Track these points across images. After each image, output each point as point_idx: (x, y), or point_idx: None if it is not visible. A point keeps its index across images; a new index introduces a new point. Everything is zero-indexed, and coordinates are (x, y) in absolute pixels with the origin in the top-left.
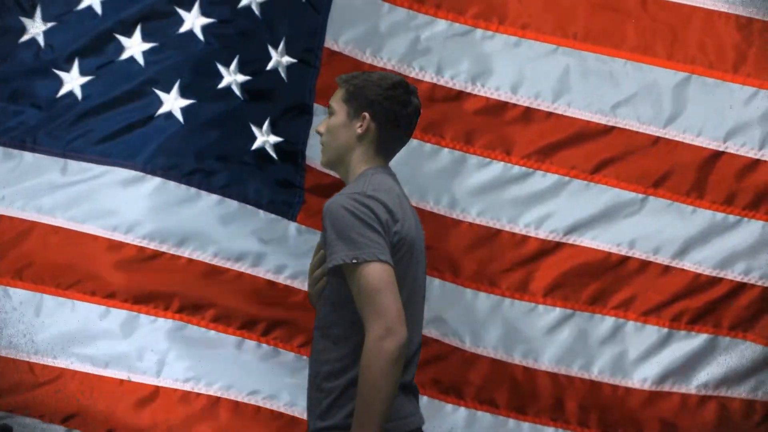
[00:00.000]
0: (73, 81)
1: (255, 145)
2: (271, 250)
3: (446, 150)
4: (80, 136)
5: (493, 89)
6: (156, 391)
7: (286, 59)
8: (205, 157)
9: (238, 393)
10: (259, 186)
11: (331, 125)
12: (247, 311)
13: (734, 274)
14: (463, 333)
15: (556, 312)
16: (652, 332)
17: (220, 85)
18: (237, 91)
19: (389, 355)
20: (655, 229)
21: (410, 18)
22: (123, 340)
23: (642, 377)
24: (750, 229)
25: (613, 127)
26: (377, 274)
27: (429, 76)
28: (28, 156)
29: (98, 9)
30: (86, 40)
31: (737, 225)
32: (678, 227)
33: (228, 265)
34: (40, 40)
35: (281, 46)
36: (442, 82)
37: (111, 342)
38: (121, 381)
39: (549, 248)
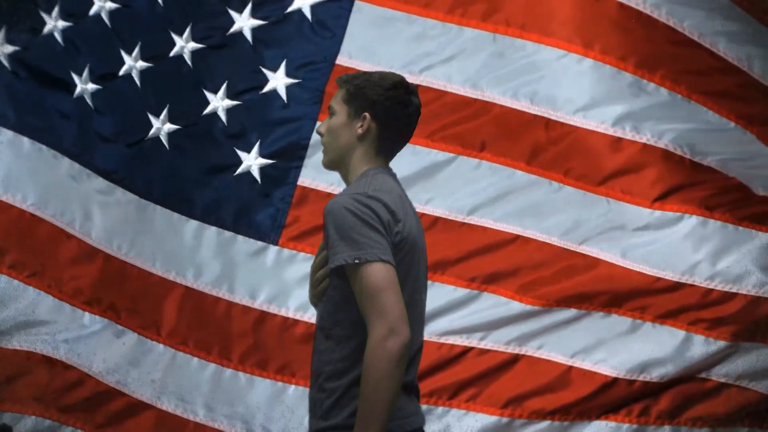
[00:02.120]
0: (85, 86)
1: (239, 170)
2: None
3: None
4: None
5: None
6: None
7: (287, 80)
8: (185, 182)
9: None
10: (241, 211)
11: (331, 126)
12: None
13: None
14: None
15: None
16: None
17: (205, 112)
18: (223, 117)
19: (392, 355)
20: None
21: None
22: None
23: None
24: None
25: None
26: (379, 274)
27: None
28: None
29: (107, 19)
30: (97, 50)
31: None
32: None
33: (206, 290)
34: (59, 37)
35: (282, 67)
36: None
37: None
38: None
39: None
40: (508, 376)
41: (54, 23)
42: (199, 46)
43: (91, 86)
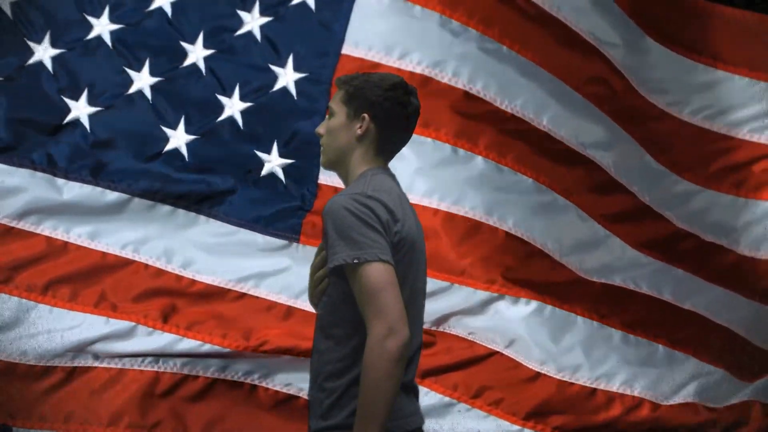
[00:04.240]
0: (80, 110)
1: (264, 172)
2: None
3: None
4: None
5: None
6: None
7: (296, 75)
8: (203, 190)
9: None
10: (264, 211)
11: (331, 126)
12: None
13: None
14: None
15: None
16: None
17: (220, 118)
18: (239, 121)
19: (391, 355)
20: None
21: (444, 23)
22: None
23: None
24: None
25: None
26: (379, 274)
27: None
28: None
29: (108, 40)
30: (97, 71)
31: None
32: None
33: (230, 286)
34: (48, 65)
35: (289, 63)
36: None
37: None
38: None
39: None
40: (534, 387)
41: (43, 53)
42: (211, 51)
43: (92, 109)
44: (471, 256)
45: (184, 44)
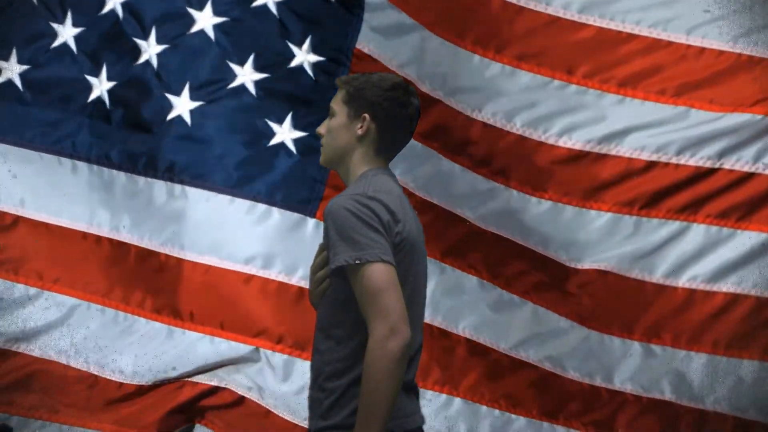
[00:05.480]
0: (102, 86)
1: (273, 141)
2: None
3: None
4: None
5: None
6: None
7: (313, 57)
8: (217, 156)
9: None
10: (275, 183)
11: (331, 126)
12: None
13: (728, 286)
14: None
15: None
16: (657, 351)
17: (233, 84)
18: (252, 89)
19: (393, 355)
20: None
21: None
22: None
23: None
24: (743, 241)
25: (606, 155)
26: (380, 274)
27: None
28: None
29: (120, 12)
30: (111, 45)
31: (731, 237)
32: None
33: (237, 268)
34: (72, 45)
35: (306, 44)
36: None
37: None
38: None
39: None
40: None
41: (65, 32)
42: (222, 19)
43: (107, 84)
44: None
45: (191, 10)
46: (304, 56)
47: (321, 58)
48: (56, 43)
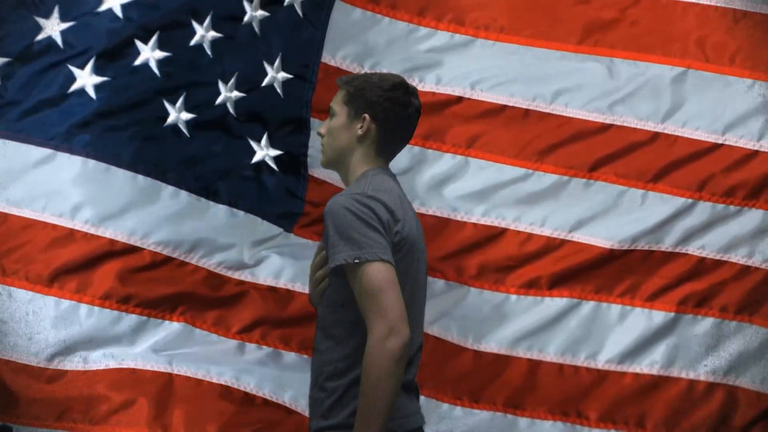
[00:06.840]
0: (86, 79)
1: (255, 159)
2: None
3: (448, 155)
4: (95, 138)
5: (493, 93)
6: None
7: (282, 75)
8: (206, 170)
9: (246, 385)
10: (259, 198)
11: (331, 127)
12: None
13: (738, 257)
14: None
15: (563, 302)
16: (659, 317)
17: (217, 102)
18: (231, 109)
19: (392, 355)
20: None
21: (411, 31)
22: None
23: (650, 362)
24: (751, 218)
25: (611, 125)
26: (379, 273)
27: (429, 87)
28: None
29: (119, 13)
30: (104, 42)
31: (738, 215)
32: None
33: (229, 274)
34: (58, 39)
35: (277, 62)
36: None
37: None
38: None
39: (554, 245)
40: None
41: (53, 27)
42: (218, 35)
43: (96, 78)
44: None
45: (194, 22)
46: (274, 74)
47: (289, 76)
48: (40, 36)
